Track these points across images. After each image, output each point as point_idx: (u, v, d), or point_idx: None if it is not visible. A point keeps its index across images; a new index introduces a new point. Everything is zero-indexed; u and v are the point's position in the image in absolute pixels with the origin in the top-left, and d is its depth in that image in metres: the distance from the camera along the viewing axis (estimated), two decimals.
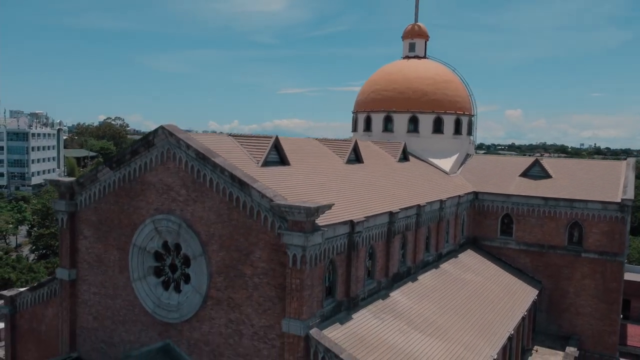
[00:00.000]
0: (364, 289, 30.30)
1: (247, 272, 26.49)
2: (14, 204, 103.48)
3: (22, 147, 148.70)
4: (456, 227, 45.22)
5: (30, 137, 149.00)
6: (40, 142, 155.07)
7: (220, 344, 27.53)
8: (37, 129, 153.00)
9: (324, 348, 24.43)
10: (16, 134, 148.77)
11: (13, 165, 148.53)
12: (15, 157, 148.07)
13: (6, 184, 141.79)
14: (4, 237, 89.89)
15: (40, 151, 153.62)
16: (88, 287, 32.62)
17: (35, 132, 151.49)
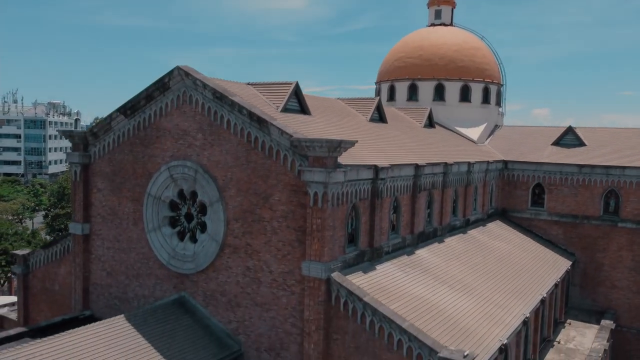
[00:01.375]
0: (388, 243, 29.40)
1: (266, 216, 25.79)
2: (30, 187, 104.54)
3: (40, 135, 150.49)
4: (484, 196, 44.03)
5: (48, 125, 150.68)
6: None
7: (238, 293, 26.89)
8: (54, 118, 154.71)
9: (347, 291, 23.63)
10: (33, 121, 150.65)
11: (30, 154, 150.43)
12: (32, 145, 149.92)
13: (23, 172, 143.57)
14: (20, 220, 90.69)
15: (57, 140, 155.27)
16: (102, 242, 32.25)
17: (52, 120, 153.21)
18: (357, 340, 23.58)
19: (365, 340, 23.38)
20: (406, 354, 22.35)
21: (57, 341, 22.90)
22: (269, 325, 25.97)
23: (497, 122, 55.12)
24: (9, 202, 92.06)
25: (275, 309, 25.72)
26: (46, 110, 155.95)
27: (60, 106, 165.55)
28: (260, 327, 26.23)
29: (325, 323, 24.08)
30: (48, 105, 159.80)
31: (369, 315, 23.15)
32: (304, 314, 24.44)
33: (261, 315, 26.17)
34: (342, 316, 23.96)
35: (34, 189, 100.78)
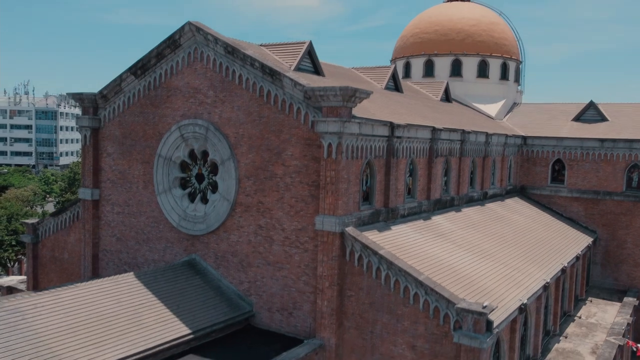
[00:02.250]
0: (404, 206, 28.99)
1: (278, 172, 25.52)
2: (42, 175, 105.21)
3: (51, 127, 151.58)
4: (502, 171, 43.42)
5: (59, 117, 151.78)
6: (69, 122, 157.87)
7: (249, 253, 26.64)
8: (65, 109, 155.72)
9: (361, 245, 23.28)
10: (45, 112, 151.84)
11: (41, 145, 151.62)
12: (43, 136, 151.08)
13: (34, 163, 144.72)
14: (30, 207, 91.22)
15: (69, 131, 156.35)
16: (111, 207, 32.18)
17: (64, 111, 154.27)
18: (372, 295, 23.23)
19: (380, 296, 23.02)
20: (422, 308, 21.96)
21: (60, 293, 22.80)
22: (281, 285, 25.70)
23: (515, 99, 54.46)
24: (20, 189, 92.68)
25: (288, 267, 25.44)
26: (57, 101, 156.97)
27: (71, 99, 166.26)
28: (273, 286, 25.96)
29: (339, 279, 23.75)
30: (59, 97, 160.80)
31: (384, 270, 22.79)
32: (317, 271, 24.13)
33: (273, 274, 25.90)
34: (356, 272, 23.62)
35: (45, 177, 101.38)
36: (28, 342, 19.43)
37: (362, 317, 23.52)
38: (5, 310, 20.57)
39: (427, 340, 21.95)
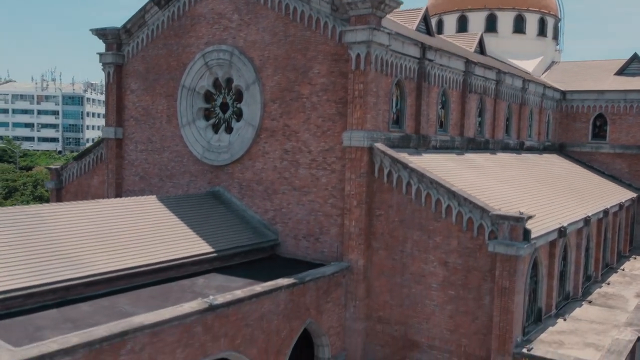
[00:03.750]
0: (435, 137, 28.41)
1: (305, 92, 25.21)
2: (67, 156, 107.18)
3: (77, 112, 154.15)
4: (540, 124, 42.41)
5: (85, 102, 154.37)
6: (95, 108, 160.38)
7: (275, 179, 26.39)
8: (92, 95, 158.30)
9: (390, 160, 22.81)
10: (71, 97, 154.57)
11: (68, 131, 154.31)
12: (70, 121, 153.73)
13: (61, 148, 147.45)
14: None
15: (95, 118, 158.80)
16: (135, 146, 32.29)
17: (90, 97, 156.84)
18: (402, 212, 22.75)
19: (410, 212, 22.53)
20: (455, 221, 21.40)
21: (81, 205, 22.88)
22: (307, 210, 25.38)
23: (553, 58, 53.20)
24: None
25: (314, 191, 25.11)
26: (84, 87, 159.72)
27: (98, 86, 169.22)
28: (298, 213, 25.66)
29: (367, 198, 23.32)
30: (85, 83, 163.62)
31: (415, 184, 22.29)
32: (345, 190, 23.75)
33: (299, 200, 25.60)
34: (385, 189, 23.16)
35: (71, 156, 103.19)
36: (47, 243, 19.48)
37: (391, 237, 23.06)
38: (26, 213, 20.68)
39: (460, 255, 21.38)
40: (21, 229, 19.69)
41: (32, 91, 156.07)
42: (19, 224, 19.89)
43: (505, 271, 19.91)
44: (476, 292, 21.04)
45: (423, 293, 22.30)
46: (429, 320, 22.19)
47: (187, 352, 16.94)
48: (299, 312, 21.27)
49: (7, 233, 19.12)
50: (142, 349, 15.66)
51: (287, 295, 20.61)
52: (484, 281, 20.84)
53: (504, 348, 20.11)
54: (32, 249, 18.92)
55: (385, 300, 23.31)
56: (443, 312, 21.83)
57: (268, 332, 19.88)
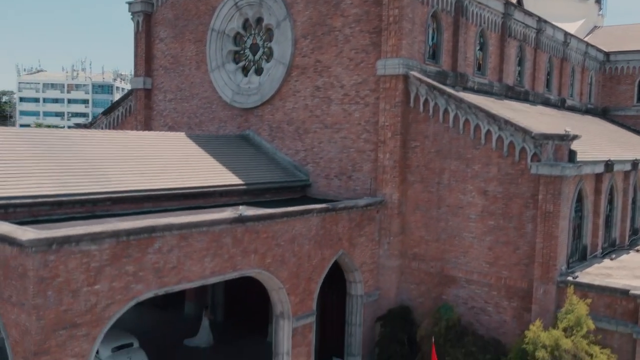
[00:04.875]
0: (473, 79, 27.67)
1: (337, 25, 24.78)
2: None
3: (107, 101, 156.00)
4: (582, 84, 41.21)
5: (115, 91, 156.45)
6: None
7: (306, 118, 26.04)
8: (121, 84, 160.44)
9: (427, 87, 22.25)
10: (101, 86, 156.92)
11: None
12: (100, 110, 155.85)
13: None
14: None
15: None
16: (164, 95, 32.31)
17: (120, 86, 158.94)
18: (439, 142, 22.16)
19: (447, 141, 21.93)
20: (495, 147, 20.73)
21: (110, 133, 22.87)
22: (339, 147, 24.95)
23: (596, 22, 51.73)
24: None
25: (347, 127, 24.67)
26: (113, 76, 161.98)
27: (127, 76, 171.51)
28: (331, 151, 25.25)
29: (402, 128, 22.79)
30: (115, 72, 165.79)
31: (452, 110, 21.69)
32: (379, 122, 23.26)
33: (331, 137, 25.19)
34: (421, 119, 22.60)
35: None
36: (76, 161, 19.43)
37: (427, 168, 22.49)
38: (55, 135, 20.72)
39: (500, 182, 20.71)
40: (50, 147, 19.71)
41: (63, 80, 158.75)
42: (48, 142, 19.93)
43: (549, 194, 19.20)
44: (517, 221, 20.34)
45: (461, 225, 21.68)
46: (466, 254, 21.56)
47: (215, 262, 16.69)
48: (331, 241, 20.87)
49: (37, 149, 19.15)
50: (170, 251, 15.44)
51: (319, 221, 20.23)
52: (526, 208, 20.13)
53: (547, 276, 19.40)
54: (61, 164, 18.89)
55: (420, 235, 22.75)
56: (482, 244, 21.18)
57: (299, 256, 19.53)
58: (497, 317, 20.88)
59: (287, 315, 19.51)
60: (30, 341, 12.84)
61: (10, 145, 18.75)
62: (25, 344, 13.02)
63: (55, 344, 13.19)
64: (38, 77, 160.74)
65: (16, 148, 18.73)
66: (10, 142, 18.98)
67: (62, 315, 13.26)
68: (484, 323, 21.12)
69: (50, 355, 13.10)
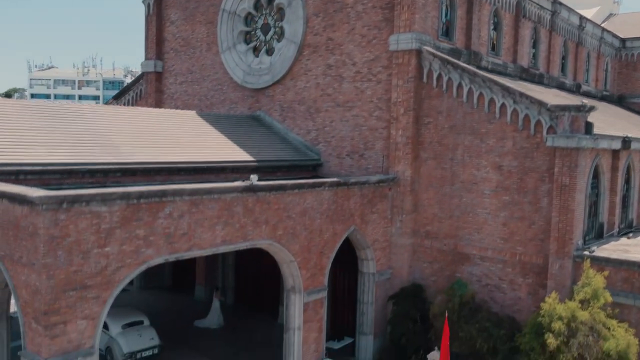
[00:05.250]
0: (487, 58, 27.42)
1: (349, 1, 24.69)
2: None
3: None
4: (598, 70, 40.78)
5: None
6: None
7: (317, 97, 25.94)
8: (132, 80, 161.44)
9: (440, 62, 22.06)
10: (112, 82, 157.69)
11: None
12: None
13: None
14: None
15: None
16: (174, 78, 32.34)
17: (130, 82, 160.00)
18: (453, 118, 21.96)
19: (461, 116, 21.73)
20: (510, 120, 20.51)
21: (120, 108, 22.86)
22: (351, 126, 24.82)
23: (611, 10, 51.23)
24: None
25: (359, 104, 24.53)
26: (124, 72, 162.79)
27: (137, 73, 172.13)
28: (342, 130, 25.13)
29: (415, 104, 22.61)
30: (125, 69, 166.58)
31: (466, 85, 21.49)
32: (391, 98, 23.10)
33: (343, 116, 25.06)
34: (434, 94, 22.42)
35: None
36: (87, 133, 19.44)
37: (440, 145, 22.30)
38: (66, 109, 20.73)
39: (515, 156, 20.48)
40: (61, 119, 19.75)
41: (74, 77, 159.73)
42: (59, 115, 19.99)
43: (566, 167, 18.96)
44: (533, 196, 20.11)
45: (475, 202, 21.48)
46: (480, 230, 21.36)
47: (227, 231, 16.61)
48: (343, 217, 20.74)
49: (47, 121, 19.19)
50: (180, 217, 15.38)
51: (331, 195, 20.11)
52: (542, 182, 19.90)
53: (563, 251, 19.16)
54: (71, 135, 18.90)
55: (433, 213, 22.57)
56: (496, 220, 20.96)
57: (311, 230, 19.42)
58: (512, 294, 20.65)
59: (299, 289, 19.41)
60: (41, 300, 12.81)
61: (21, 117, 18.78)
62: (35, 304, 13.01)
63: (66, 305, 13.16)
64: (49, 73, 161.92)
65: (27, 119, 18.76)
66: (20, 113, 19.01)
67: (72, 276, 13.23)
68: (499, 300, 20.90)
69: (60, 315, 13.07)
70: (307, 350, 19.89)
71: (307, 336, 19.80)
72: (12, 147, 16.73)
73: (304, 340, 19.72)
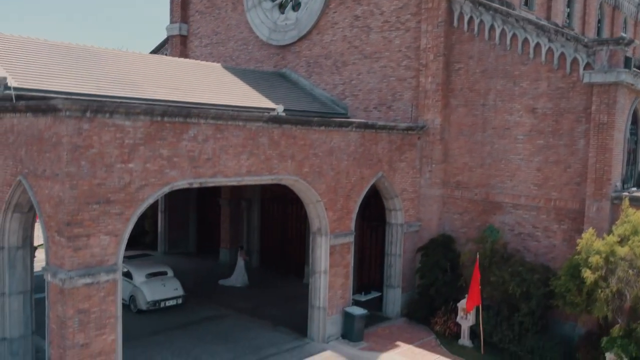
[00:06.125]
0: (519, 11, 26.81)
1: None
2: None
3: None
4: (635, 37, 39.80)
5: None
6: None
7: (344, 50, 25.72)
8: None
9: (472, 4, 21.68)
10: None
11: None
12: None
13: None
14: None
15: None
16: (199, 41, 32.42)
17: None
18: (484, 62, 21.54)
19: (494, 59, 21.29)
20: (545, 60, 20.01)
21: (140, 55, 22.85)
22: (379, 77, 24.54)
23: None
24: None
25: (387, 55, 24.24)
26: None
27: None
28: (370, 82, 24.86)
29: (445, 50, 22.24)
30: None
31: (499, 26, 21.05)
32: (420, 45, 22.78)
33: (370, 67, 24.80)
34: (465, 39, 22.02)
35: None
36: (108, 73, 19.45)
37: (472, 90, 21.89)
38: (87, 51, 20.80)
39: (550, 98, 19.98)
40: (88, 60, 19.82)
41: None
42: (86, 56, 20.09)
43: (604, 104, 18.44)
44: (568, 137, 19.60)
45: (507, 148, 21.02)
46: (513, 177, 20.90)
47: (252, 161, 16.48)
48: (370, 161, 20.48)
49: (75, 60, 19.29)
50: (205, 141, 15.30)
51: (358, 137, 19.87)
52: (578, 123, 19.39)
53: (600, 192, 18.63)
54: (97, 73, 18.94)
55: (464, 162, 22.17)
56: (530, 166, 20.48)
57: (337, 171, 19.20)
58: (546, 241, 20.16)
59: (325, 231, 19.19)
60: (64, 211, 12.81)
61: (50, 54, 18.89)
62: (58, 216, 13.01)
63: (89, 217, 13.14)
64: None
65: (55, 57, 18.85)
66: (49, 52, 19.11)
67: (95, 189, 13.21)
68: (532, 249, 20.42)
69: (83, 228, 13.06)
70: (334, 295, 19.66)
71: (333, 281, 19.57)
72: (41, 77, 16.81)
73: (330, 285, 19.49)
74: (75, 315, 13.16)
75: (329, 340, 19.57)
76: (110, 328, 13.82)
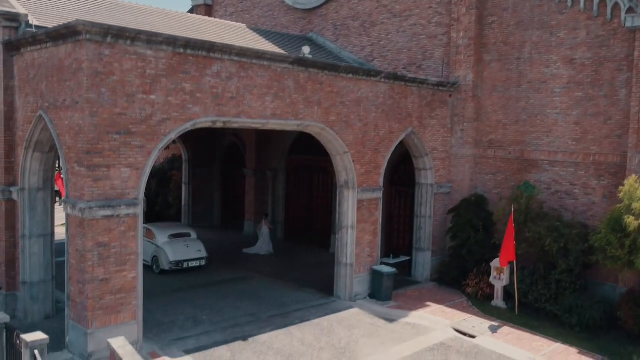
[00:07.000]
0: None
1: None
2: None
3: None
4: None
5: None
6: None
7: (372, 10, 25.34)
8: None
9: None
10: None
11: None
12: None
13: None
14: None
15: None
16: (225, 10, 32.35)
17: None
18: (519, 13, 20.91)
19: (529, 10, 20.65)
20: (584, 7, 19.33)
21: (167, 10, 22.70)
22: (409, 36, 24.06)
23: None
24: None
25: (417, 12, 23.76)
26: None
27: None
28: (399, 41, 24.39)
29: (478, 2, 21.70)
30: None
31: None
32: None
33: (400, 26, 24.32)
34: None
35: None
36: (134, 22, 19.28)
37: (506, 44, 21.28)
38: (116, 3, 20.69)
39: (589, 47, 19.29)
40: (102, 9, 19.74)
41: None
42: (100, 4, 19.96)
43: None
44: (609, 88, 18.88)
45: (543, 102, 20.36)
46: (550, 133, 20.23)
47: (277, 104, 16.16)
48: (400, 115, 20.02)
49: (89, 8, 19.22)
50: (229, 79, 15.01)
51: (387, 89, 19.43)
52: (619, 72, 18.66)
53: None
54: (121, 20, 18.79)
55: (497, 119, 21.57)
56: (567, 120, 19.80)
57: (366, 123, 18.78)
58: (585, 199, 19.46)
59: (352, 184, 18.78)
60: (84, 139, 12.61)
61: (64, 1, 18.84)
62: (78, 145, 12.82)
63: (109, 148, 12.93)
64: None
65: (69, 4, 18.79)
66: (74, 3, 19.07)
67: (116, 119, 12.99)
68: (570, 208, 19.73)
69: (103, 157, 12.85)
70: (361, 252, 19.23)
71: (360, 237, 19.14)
72: (62, 20, 16.70)
73: (358, 241, 19.05)
74: (94, 249, 12.96)
75: (356, 299, 19.15)
76: (130, 265, 13.60)
